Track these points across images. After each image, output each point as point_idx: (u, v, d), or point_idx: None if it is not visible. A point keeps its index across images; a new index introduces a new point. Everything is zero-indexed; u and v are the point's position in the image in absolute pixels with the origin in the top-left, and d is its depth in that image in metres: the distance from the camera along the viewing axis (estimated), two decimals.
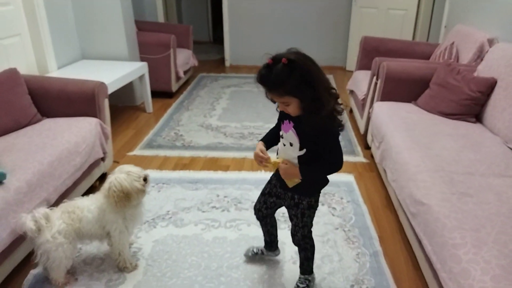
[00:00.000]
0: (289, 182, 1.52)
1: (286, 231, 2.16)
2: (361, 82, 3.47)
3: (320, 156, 1.43)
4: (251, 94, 4.57)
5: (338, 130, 1.39)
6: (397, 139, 2.29)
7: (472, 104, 2.52)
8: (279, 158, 1.51)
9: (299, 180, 1.48)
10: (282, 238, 2.08)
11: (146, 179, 1.78)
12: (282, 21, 5.65)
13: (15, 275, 1.87)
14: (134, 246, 2.06)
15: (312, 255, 1.74)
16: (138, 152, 3.16)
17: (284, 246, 2.04)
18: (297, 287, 1.77)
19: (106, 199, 1.74)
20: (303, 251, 1.72)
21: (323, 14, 5.58)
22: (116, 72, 3.38)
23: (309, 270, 1.77)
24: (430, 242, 1.60)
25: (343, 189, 2.60)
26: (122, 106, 4.12)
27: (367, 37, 3.88)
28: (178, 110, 4.08)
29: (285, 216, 2.29)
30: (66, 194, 2.15)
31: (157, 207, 2.39)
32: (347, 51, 5.63)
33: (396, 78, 2.83)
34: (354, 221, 2.27)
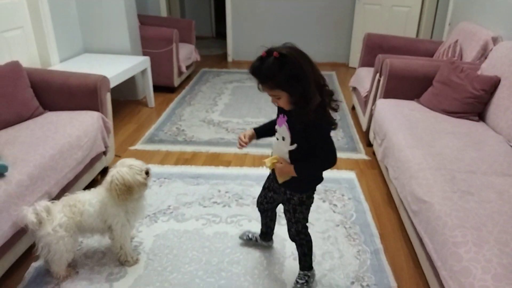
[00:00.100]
0: (279, 178, 1.55)
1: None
2: (364, 79, 3.46)
3: (311, 152, 1.44)
4: (253, 89, 4.55)
5: (329, 127, 1.41)
6: (399, 137, 2.28)
7: (475, 102, 2.51)
8: (274, 155, 1.53)
9: (290, 177, 1.51)
10: (283, 235, 2.08)
11: (148, 173, 1.78)
12: (285, 17, 5.62)
13: (17, 268, 1.88)
14: (135, 240, 2.07)
15: (309, 251, 1.74)
16: (139, 146, 3.16)
17: (285, 243, 2.04)
18: (296, 283, 1.77)
19: (108, 193, 1.74)
20: (300, 247, 1.74)
21: (327, 10, 5.55)
22: (118, 66, 3.38)
23: (307, 266, 1.78)
24: (431, 240, 1.60)
25: (345, 186, 2.60)
26: (124, 101, 4.12)
27: (371, 34, 3.86)
28: (180, 105, 4.07)
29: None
30: (68, 187, 2.15)
31: (158, 202, 2.40)
32: (350, 48, 5.60)
33: (399, 75, 2.82)
34: (355, 218, 2.27)
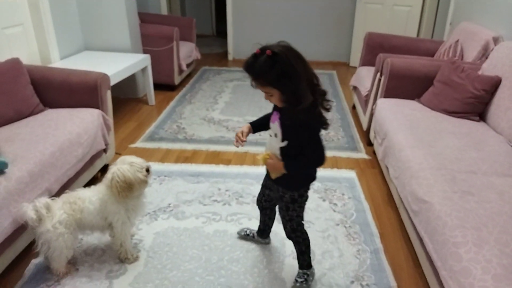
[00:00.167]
0: (271, 173, 1.59)
1: None
2: (364, 78, 3.46)
3: (301, 150, 1.46)
4: (254, 88, 4.54)
5: (318, 126, 1.43)
6: (400, 136, 2.28)
7: (476, 102, 2.51)
8: (266, 151, 1.56)
9: (281, 173, 1.53)
10: (283, 233, 2.07)
11: (148, 170, 1.78)
12: (286, 15, 5.62)
13: (17, 264, 1.88)
14: (135, 238, 2.07)
15: (306, 249, 1.75)
16: (140, 144, 3.16)
17: (285, 241, 2.04)
18: (295, 282, 1.78)
19: (108, 190, 1.74)
20: (297, 245, 1.75)
21: (328, 9, 5.54)
22: (118, 63, 3.37)
23: (306, 264, 1.78)
24: (431, 240, 1.60)
25: (345, 185, 2.60)
26: (125, 98, 4.11)
27: (372, 33, 3.86)
28: (180, 103, 4.07)
29: None
30: (68, 184, 2.15)
31: (158, 200, 2.40)
32: (351, 47, 5.59)
33: (400, 75, 2.81)
34: (355, 217, 2.27)
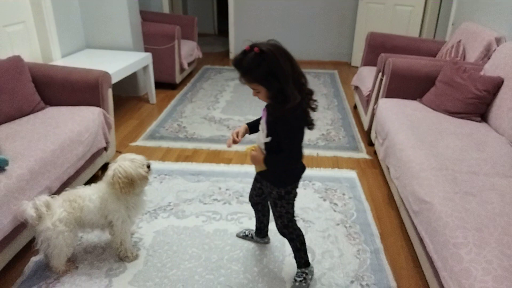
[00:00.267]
0: (256, 167, 1.63)
1: None
2: (366, 78, 3.45)
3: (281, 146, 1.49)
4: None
5: (301, 125, 1.44)
6: (401, 137, 2.27)
7: (477, 103, 2.50)
8: (254, 144, 1.60)
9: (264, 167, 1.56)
10: None
11: (149, 167, 1.78)
12: (288, 14, 5.61)
13: (17, 262, 1.88)
14: (135, 236, 2.07)
15: (301, 246, 1.74)
16: (140, 142, 3.15)
17: (284, 241, 2.02)
18: (294, 281, 1.77)
19: (109, 188, 1.74)
20: (291, 242, 1.75)
21: (329, 8, 5.53)
22: (120, 62, 3.37)
23: (303, 262, 1.77)
24: (431, 240, 1.60)
25: (345, 185, 2.59)
26: (126, 97, 4.11)
27: (373, 33, 3.85)
28: (181, 101, 4.07)
29: None
30: (68, 182, 2.15)
31: (158, 198, 2.39)
32: (353, 47, 5.58)
33: (401, 75, 2.81)
34: (356, 217, 2.27)
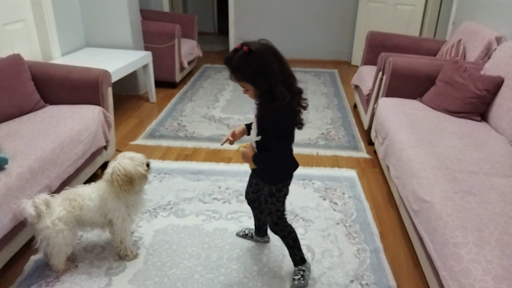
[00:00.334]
0: (250, 165, 1.62)
1: None
2: (366, 77, 3.45)
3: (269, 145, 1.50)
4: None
5: (290, 124, 1.45)
6: (401, 136, 2.27)
7: (478, 102, 2.50)
8: (248, 142, 1.60)
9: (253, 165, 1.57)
10: None
11: (148, 165, 1.78)
12: (288, 13, 5.60)
13: (16, 260, 1.88)
14: (135, 235, 2.07)
15: (294, 243, 1.75)
16: (140, 141, 3.15)
17: None
18: (293, 280, 1.78)
19: (109, 186, 1.74)
20: (283, 239, 1.76)
21: (330, 8, 5.52)
22: (120, 60, 3.37)
23: (299, 259, 1.78)
24: (431, 240, 1.60)
25: (345, 184, 2.59)
26: (125, 95, 4.11)
27: (374, 32, 3.85)
28: (181, 100, 4.06)
29: (286, 210, 2.29)
30: (68, 181, 2.15)
31: (158, 197, 2.39)
32: (353, 46, 5.58)
33: (402, 74, 2.80)
34: (355, 216, 2.27)
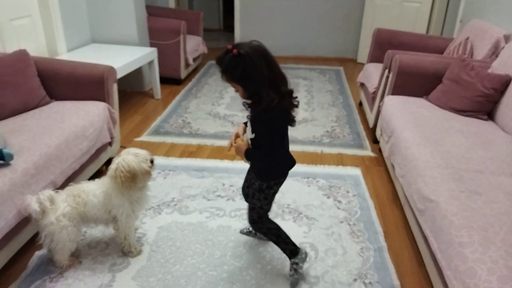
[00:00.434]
0: (243, 159, 1.63)
1: (290, 223, 2.16)
2: (372, 74, 3.43)
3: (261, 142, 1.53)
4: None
5: (276, 123, 1.47)
6: (407, 134, 2.25)
7: (485, 101, 2.47)
8: (245, 138, 1.63)
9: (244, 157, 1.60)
10: (286, 230, 2.07)
11: (152, 162, 1.79)
12: (294, 10, 5.57)
13: (20, 256, 1.89)
14: (139, 231, 2.07)
15: (278, 239, 1.75)
16: (145, 138, 3.16)
17: None
18: (289, 276, 1.79)
19: (113, 182, 1.74)
20: (265, 236, 1.80)
21: (336, 5, 5.49)
22: (125, 57, 3.37)
23: (289, 252, 1.77)
24: (436, 239, 1.59)
25: (350, 182, 2.58)
26: (131, 92, 4.11)
27: (380, 29, 3.82)
28: (186, 97, 4.06)
29: (289, 207, 2.29)
30: (73, 177, 2.16)
31: (162, 194, 2.40)
32: (359, 43, 5.54)
33: (408, 72, 2.78)
34: (360, 215, 2.26)
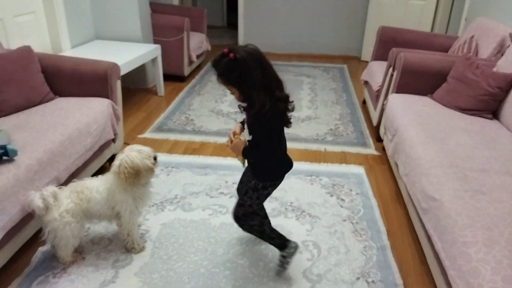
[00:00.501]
0: (238, 157, 1.65)
1: (293, 221, 2.15)
2: (376, 73, 3.41)
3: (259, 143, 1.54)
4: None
5: (272, 126, 1.49)
6: (411, 133, 2.24)
7: (489, 100, 2.46)
8: (243, 137, 1.63)
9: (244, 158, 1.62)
10: (288, 228, 2.08)
11: (155, 159, 1.79)
12: (298, 7, 5.55)
13: (24, 252, 1.90)
14: (142, 228, 2.08)
15: (262, 235, 1.76)
16: (148, 135, 3.16)
17: (291, 236, 2.02)
18: (276, 266, 1.81)
19: (116, 179, 1.74)
20: (250, 233, 1.82)
21: (340, 2, 5.47)
22: (129, 53, 3.37)
23: (277, 246, 1.77)
24: (440, 238, 1.58)
25: (353, 181, 2.57)
26: (134, 88, 4.12)
27: (385, 27, 3.79)
28: (189, 94, 4.06)
29: (292, 205, 2.28)
30: (76, 174, 2.16)
31: (165, 191, 2.40)
32: (363, 41, 5.52)
33: (413, 70, 2.76)
34: (363, 213, 2.25)
